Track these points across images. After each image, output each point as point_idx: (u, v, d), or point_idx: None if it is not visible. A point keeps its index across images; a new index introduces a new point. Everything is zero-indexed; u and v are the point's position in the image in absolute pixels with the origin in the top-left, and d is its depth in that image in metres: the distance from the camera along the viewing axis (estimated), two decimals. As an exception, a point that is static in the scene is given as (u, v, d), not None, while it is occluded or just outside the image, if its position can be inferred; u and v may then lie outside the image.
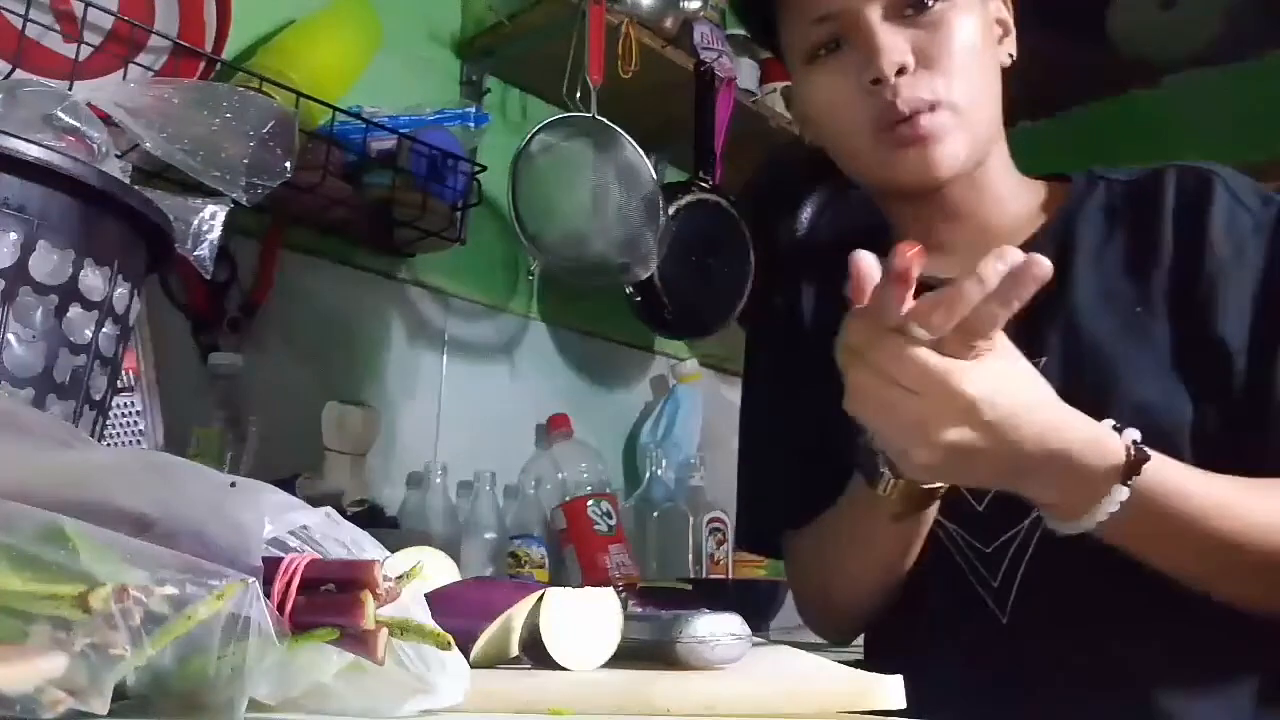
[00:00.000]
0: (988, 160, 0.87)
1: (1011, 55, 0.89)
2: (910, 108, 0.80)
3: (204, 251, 0.75)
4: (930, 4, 0.81)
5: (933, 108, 0.81)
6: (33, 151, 0.62)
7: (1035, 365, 0.73)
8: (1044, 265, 0.60)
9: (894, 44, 0.80)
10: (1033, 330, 0.79)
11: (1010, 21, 0.90)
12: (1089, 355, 0.81)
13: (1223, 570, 0.74)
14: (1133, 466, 0.68)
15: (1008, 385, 0.65)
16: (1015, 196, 0.90)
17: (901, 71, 0.80)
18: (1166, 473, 0.70)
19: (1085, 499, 0.69)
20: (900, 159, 0.82)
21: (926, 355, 0.63)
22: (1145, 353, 0.80)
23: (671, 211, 1.64)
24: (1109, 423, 0.69)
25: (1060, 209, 0.88)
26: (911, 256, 0.62)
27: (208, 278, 0.78)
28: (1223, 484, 0.73)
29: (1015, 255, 0.61)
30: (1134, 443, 0.68)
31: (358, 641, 0.40)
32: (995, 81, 0.86)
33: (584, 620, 0.58)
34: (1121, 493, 0.68)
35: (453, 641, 0.42)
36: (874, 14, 0.81)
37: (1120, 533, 0.71)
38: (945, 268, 0.85)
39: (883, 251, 0.66)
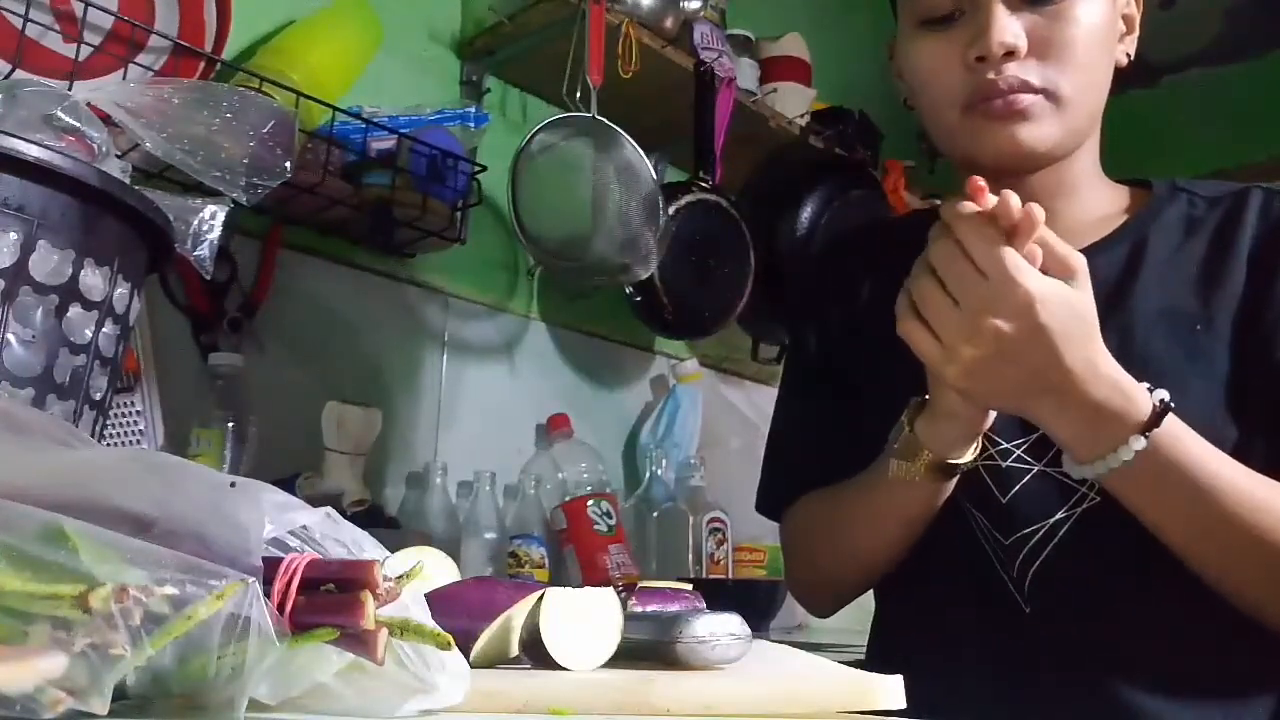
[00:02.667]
0: (1076, 156, 0.86)
1: (1129, 55, 0.88)
2: (1011, 87, 0.80)
3: (204, 251, 0.75)
4: None
5: (1035, 92, 0.80)
6: (33, 151, 0.62)
7: None
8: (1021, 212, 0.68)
9: (1008, 25, 0.79)
10: None
11: (1136, 19, 0.88)
12: (1139, 369, 0.79)
13: (1226, 551, 0.74)
14: (1154, 421, 0.70)
15: (1069, 301, 0.69)
16: (1096, 197, 0.89)
17: (1010, 55, 0.79)
18: (1186, 439, 0.72)
19: (1103, 441, 0.71)
20: (988, 131, 0.81)
21: (1003, 245, 0.68)
22: (1197, 373, 0.80)
23: (671, 211, 1.64)
24: (1144, 385, 0.72)
25: (1137, 215, 0.88)
26: (980, 187, 0.68)
27: (208, 278, 0.78)
28: (1241, 469, 0.74)
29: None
30: (1162, 400, 0.71)
31: (358, 641, 0.40)
32: (1106, 79, 0.85)
33: (584, 620, 0.58)
34: (1138, 443, 0.70)
35: (453, 641, 0.42)
36: None
37: (1129, 486, 0.73)
38: None
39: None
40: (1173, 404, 0.71)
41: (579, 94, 1.50)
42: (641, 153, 1.56)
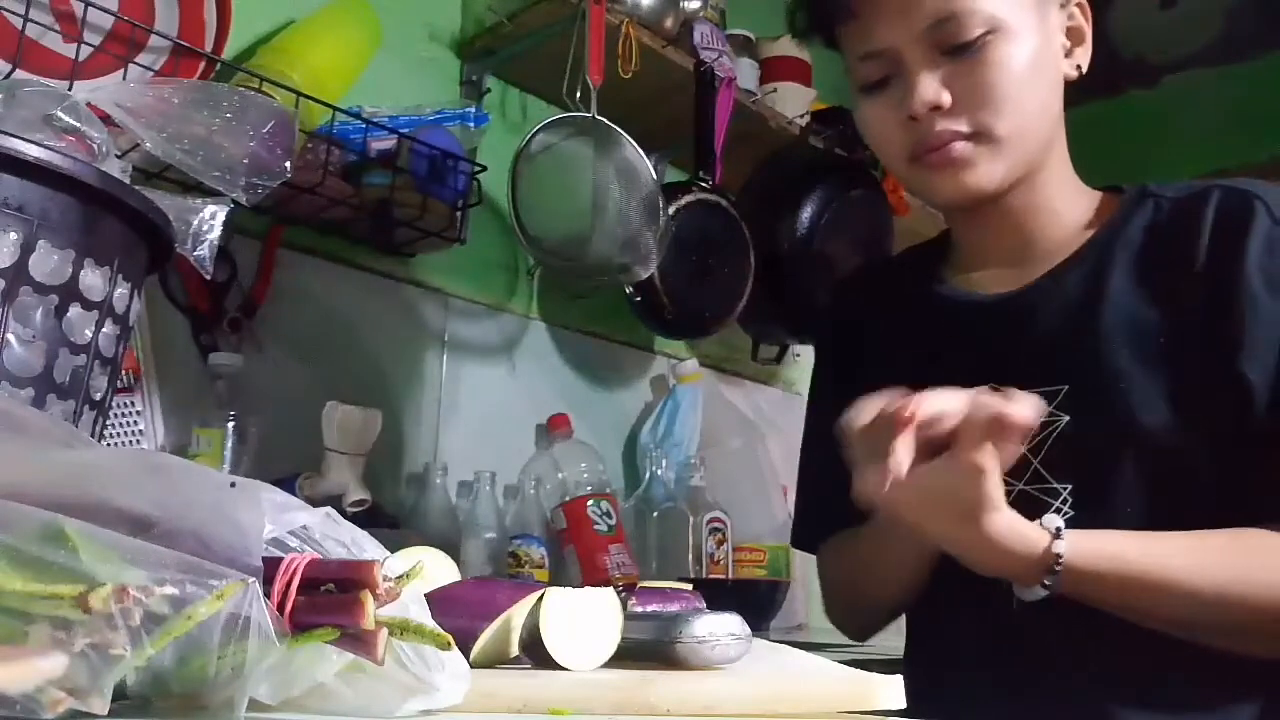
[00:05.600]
0: (1041, 173, 0.88)
1: (1080, 67, 0.89)
2: (943, 140, 0.83)
3: (204, 251, 0.75)
4: (971, 44, 0.82)
5: (969, 138, 0.83)
6: (33, 151, 0.62)
7: (1056, 393, 0.81)
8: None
9: (929, 84, 0.82)
10: (1056, 357, 0.83)
11: (1085, 29, 0.89)
12: (1108, 386, 0.82)
13: (1178, 619, 0.77)
14: (1049, 569, 0.74)
15: (935, 494, 0.72)
16: (1068, 209, 0.91)
17: (938, 109, 0.83)
18: (1095, 554, 0.75)
19: (1022, 578, 0.76)
20: (934, 181, 0.86)
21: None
22: (1163, 385, 0.80)
23: (671, 211, 1.63)
24: (1051, 520, 0.75)
25: (1103, 227, 0.89)
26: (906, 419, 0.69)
27: (208, 278, 0.78)
28: (1167, 543, 0.76)
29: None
30: (1052, 551, 0.74)
31: (358, 641, 0.40)
32: (1050, 102, 0.87)
33: (584, 620, 0.58)
34: (1043, 587, 0.74)
35: (453, 641, 0.42)
36: (915, 53, 0.83)
37: (1070, 592, 0.76)
38: (989, 280, 0.92)
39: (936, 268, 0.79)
40: (1066, 538, 0.74)
41: (579, 94, 1.50)
42: (641, 153, 1.56)
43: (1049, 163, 0.89)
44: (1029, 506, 0.81)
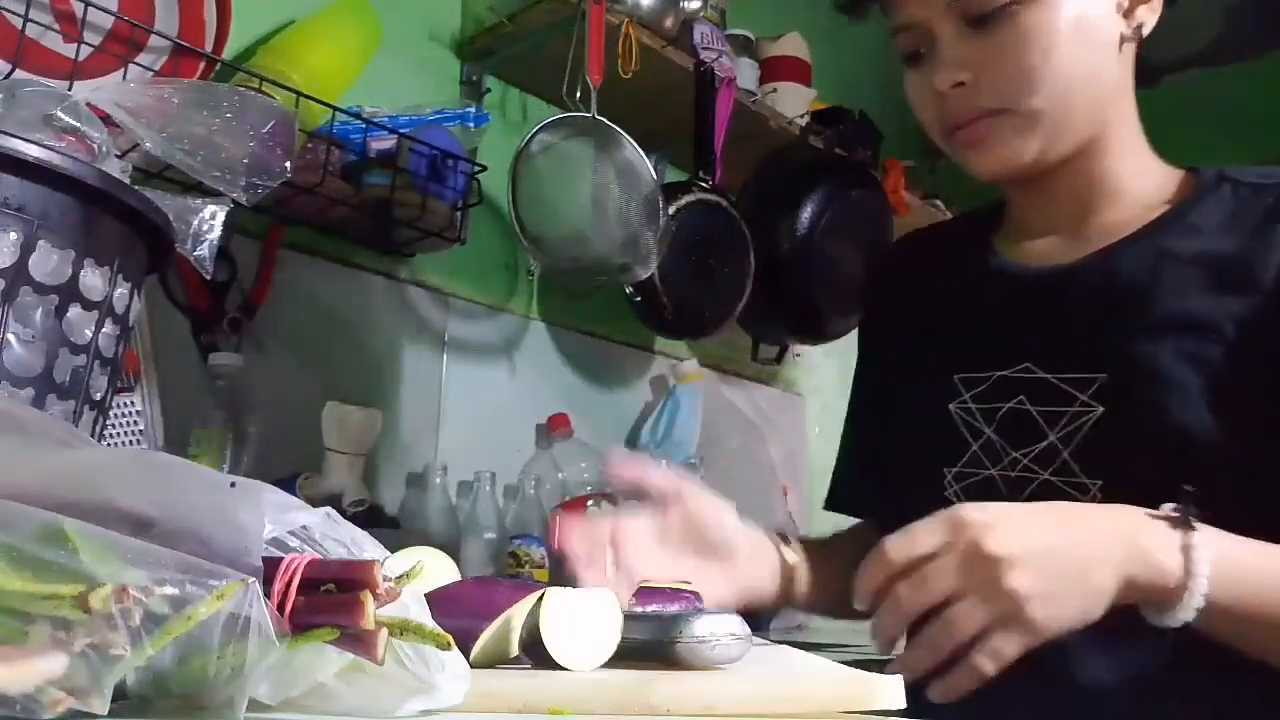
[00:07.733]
0: (1100, 143, 0.85)
1: (1142, 28, 0.84)
2: (965, 117, 0.83)
3: (204, 251, 0.75)
4: (995, 13, 0.80)
5: (994, 113, 0.82)
6: (33, 151, 0.62)
7: (1092, 381, 0.79)
8: None
9: (951, 58, 0.82)
10: (1099, 343, 0.81)
11: None
12: (1147, 379, 0.78)
13: None
14: (1182, 520, 0.68)
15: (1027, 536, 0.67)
16: (1134, 184, 0.87)
17: (961, 85, 0.82)
18: (1229, 543, 0.69)
19: (1171, 598, 0.68)
20: (966, 157, 0.86)
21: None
22: (1205, 384, 0.77)
23: (671, 211, 1.63)
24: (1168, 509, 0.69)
25: (1174, 209, 0.85)
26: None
27: (208, 278, 0.78)
28: None
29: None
30: (1173, 507, 0.69)
31: (358, 641, 0.40)
32: (1099, 68, 0.82)
33: (584, 620, 0.58)
34: (1196, 543, 0.67)
35: (453, 641, 0.42)
36: (943, 26, 0.83)
37: (1218, 614, 0.69)
38: (1041, 252, 0.90)
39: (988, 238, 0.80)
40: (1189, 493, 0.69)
41: (579, 94, 1.50)
42: (641, 153, 1.56)
43: (1109, 133, 0.85)
44: (1053, 499, 0.80)
